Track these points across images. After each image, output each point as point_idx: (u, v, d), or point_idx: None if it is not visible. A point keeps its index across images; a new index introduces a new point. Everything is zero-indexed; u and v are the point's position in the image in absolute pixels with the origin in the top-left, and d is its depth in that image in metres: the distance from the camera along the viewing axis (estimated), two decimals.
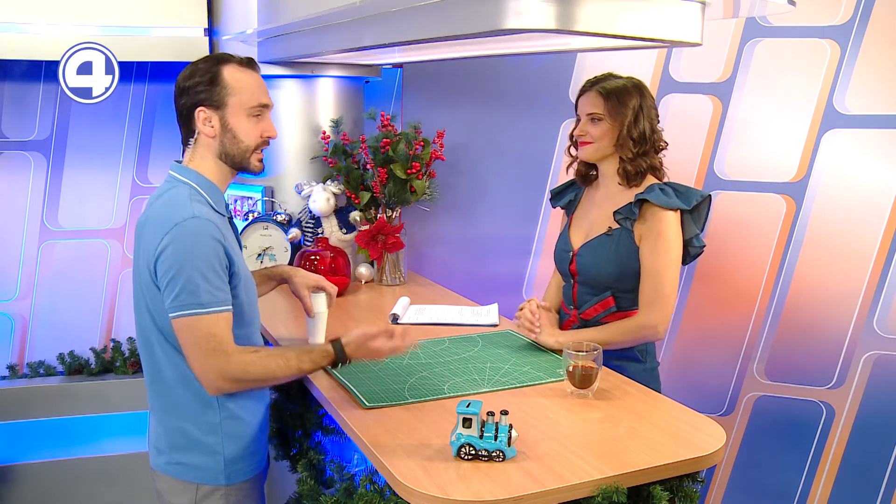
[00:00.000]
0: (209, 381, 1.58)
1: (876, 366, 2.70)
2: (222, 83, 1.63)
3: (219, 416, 1.65)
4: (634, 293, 1.99)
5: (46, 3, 2.65)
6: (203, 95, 1.62)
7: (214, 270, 1.54)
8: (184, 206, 1.57)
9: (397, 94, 3.11)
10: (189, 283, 1.51)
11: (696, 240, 1.99)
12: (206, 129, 1.64)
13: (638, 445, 1.48)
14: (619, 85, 1.99)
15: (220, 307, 1.55)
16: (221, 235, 1.57)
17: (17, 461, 2.83)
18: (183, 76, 1.65)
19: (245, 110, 1.65)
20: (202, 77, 1.63)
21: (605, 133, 1.98)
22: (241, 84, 1.64)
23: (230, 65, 1.65)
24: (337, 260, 2.59)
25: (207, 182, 1.66)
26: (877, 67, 2.60)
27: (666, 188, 1.96)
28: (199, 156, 1.67)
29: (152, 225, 1.58)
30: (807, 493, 2.82)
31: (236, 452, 1.68)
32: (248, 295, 1.68)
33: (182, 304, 1.52)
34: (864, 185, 2.66)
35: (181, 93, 1.65)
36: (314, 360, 1.65)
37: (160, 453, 1.71)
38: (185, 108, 1.65)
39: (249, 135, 1.66)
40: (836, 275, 2.70)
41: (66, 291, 2.97)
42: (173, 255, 1.52)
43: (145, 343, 1.66)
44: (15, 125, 2.85)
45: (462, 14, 1.54)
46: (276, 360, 1.61)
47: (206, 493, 1.67)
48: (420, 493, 1.31)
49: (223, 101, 1.63)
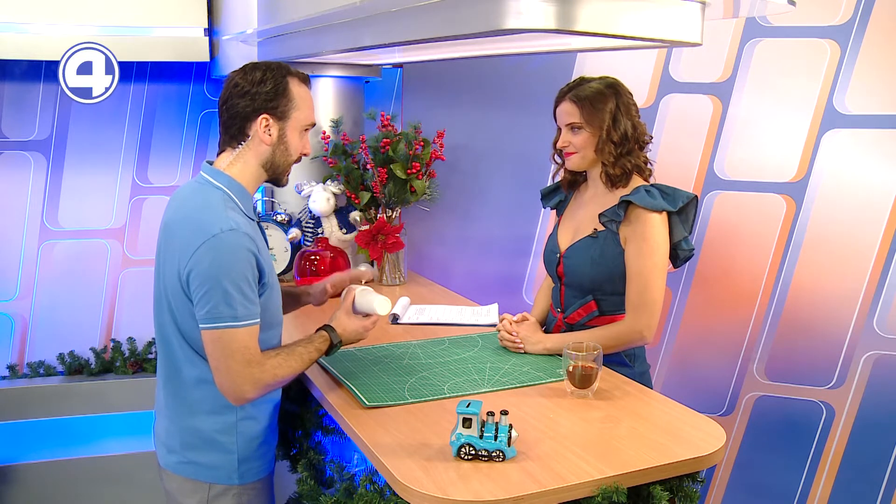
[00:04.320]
0: (241, 392, 1.59)
1: (876, 366, 2.70)
2: (289, 96, 1.64)
3: (235, 416, 1.66)
4: (619, 297, 1.95)
5: (46, 3, 2.65)
6: (272, 104, 1.63)
7: (249, 283, 1.56)
8: (219, 215, 1.56)
9: (397, 94, 3.11)
10: (225, 297, 1.52)
11: (685, 243, 1.95)
12: (264, 137, 1.64)
13: (638, 445, 1.47)
14: (593, 90, 1.94)
15: (254, 320, 1.57)
16: (255, 247, 1.59)
17: (17, 461, 2.82)
18: (248, 79, 1.63)
19: (300, 125, 1.68)
20: (272, 85, 1.62)
21: (587, 141, 1.95)
22: (303, 101, 1.67)
23: (294, 78, 1.66)
24: (337, 260, 2.59)
25: (240, 188, 1.66)
26: (877, 67, 2.60)
27: (652, 190, 1.92)
28: (242, 160, 1.66)
29: (185, 229, 1.58)
30: (807, 493, 2.82)
31: (249, 452, 1.69)
32: (274, 300, 1.70)
33: (217, 316, 1.53)
34: (864, 185, 2.65)
35: (243, 94, 1.62)
36: (318, 348, 1.72)
37: (171, 452, 1.71)
38: (245, 110, 1.63)
39: (297, 149, 1.70)
40: (836, 275, 2.70)
41: (66, 291, 2.97)
42: (210, 267, 1.52)
43: (164, 343, 1.67)
44: (15, 125, 2.85)
45: (462, 14, 1.54)
46: (295, 358, 1.66)
47: (219, 492, 1.68)
48: (420, 493, 1.31)
49: (287, 114, 1.65)
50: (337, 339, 1.77)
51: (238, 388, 1.58)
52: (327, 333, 1.77)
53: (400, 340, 2.12)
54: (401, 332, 2.21)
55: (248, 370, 1.57)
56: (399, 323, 2.30)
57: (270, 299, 1.67)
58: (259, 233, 1.69)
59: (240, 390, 1.58)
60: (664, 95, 2.79)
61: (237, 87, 1.63)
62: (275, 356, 1.63)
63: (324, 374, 1.86)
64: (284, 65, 1.68)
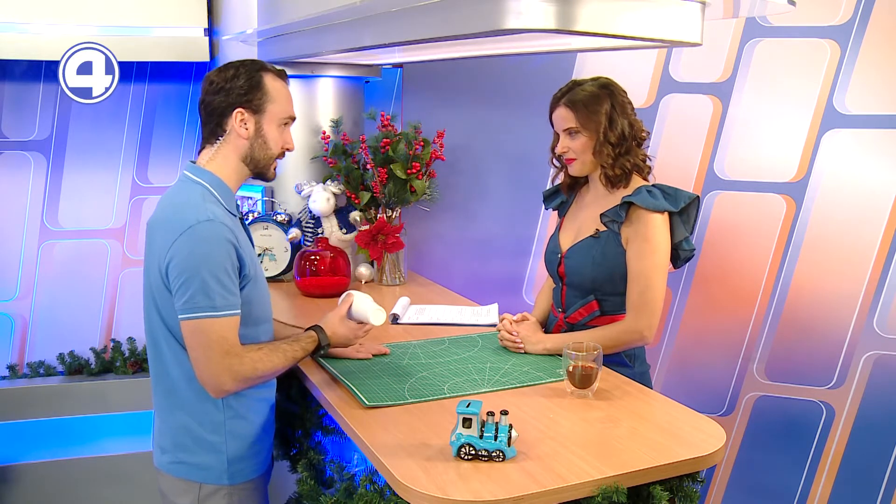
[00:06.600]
0: (219, 383, 1.59)
1: (876, 366, 2.70)
2: (264, 89, 1.66)
3: (223, 415, 1.66)
4: (620, 297, 1.95)
5: (46, 3, 2.65)
6: (245, 98, 1.64)
7: (227, 274, 1.56)
8: (197, 208, 1.58)
9: (397, 94, 3.11)
10: (203, 286, 1.53)
11: (686, 243, 1.95)
12: (240, 130, 1.65)
13: (638, 445, 1.47)
14: (587, 93, 1.93)
15: (233, 310, 1.58)
16: (234, 237, 1.59)
17: (17, 461, 2.82)
18: (222, 76, 1.65)
19: (278, 119, 1.69)
20: (245, 79, 1.64)
21: (586, 145, 1.94)
22: (279, 94, 1.69)
23: (269, 73, 1.68)
24: (337, 260, 2.59)
25: (221, 183, 1.67)
26: (877, 67, 2.60)
27: (653, 190, 1.92)
28: (221, 155, 1.68)
29: (165, 225, 1.59)
30: (807, 493, 2.82)
31: (240, 452, 1.69)
32: (259, 293, 1.70)
33: (195, 306, 1.53)
34: (864, 185, 2.65)
35: (218, 91, 1.65)
36: (304, 348, 1.74)
37: (164, 452, 1.71)
38: (220, 106, 1.65)
39: (276, 143, 1.71)
40: (836, 275, 2.70)
41: (66, 291, 2.97)
42: (188, 258, 1.53)
43: (153, 341, 1.67)
44: (15, 125, 2.85)
45: (462, 14, 1.54)
46: (277, 355, 1.67)
47: (209, 492, 1.68)
48: (420, 493, 1.31)
49: (262, 107, 1.66)
50: (325, 340, 1.78)
51: (216, 378, 1.58)
52: (316, 334, 1.78)
53: (400, 340, 2.12)
54: (401, 332, 2.21)
55: (226, 361, 1.56)
56: (399, 323, 2.30)
57: (254, 293, 1.66)
58: (240, 227, 1.69)
59: (218, 381, 1.58)
60: (664, 95, 2.79)
61: (212, 85, 1.66)
62: (256, 350, 1.63)
63: (323, 373, 1.86)
64: (260, 61, 1.70)
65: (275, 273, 2.74)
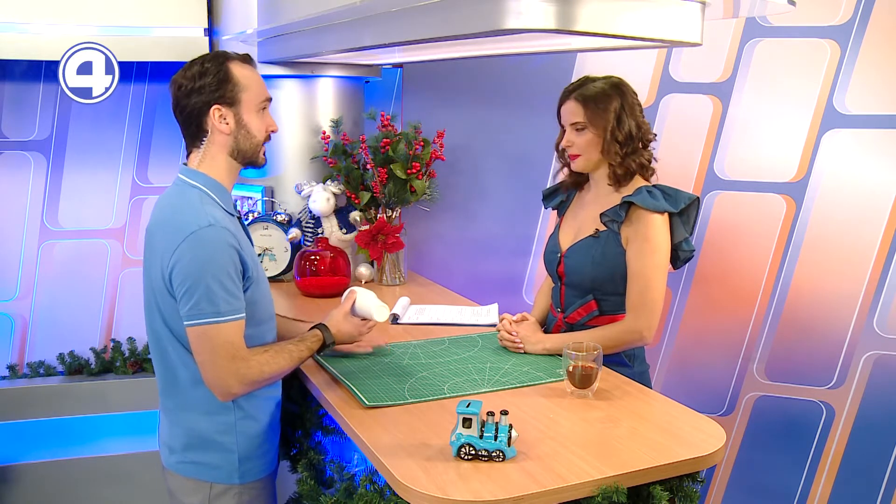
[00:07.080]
0: (226, 387, 1.59)
1: (876, 366, 2.70)
2: (233, 80, 1.64)
3: (234, 415, 1.66)
4: (620, 297, 1.95)
5: (46, 3, 2.64)
6: (218, 94, 1.63)
7: (231, 278, 1.56)
8: (197, 212, 1.57)
9: (397, 94, 3.11)
10: (208, 292, 1.52)
11: (686, 244, 1.95)
12: (221, 127, 1.64)
13: (638, 445, 1.47)
14: (598, 90, 1.93)
15: (238, 315, 1.58)
16: (236, 241, 1.59)
17: (17, 461, 2.82)
18: (188, 77, 1.63)
19: (255, 105, 1.67)
20: (213, 76, 1.63)
21: (591, 142, 1.94)
22: (249, 80, 1.66)
23: (234, 62, 1.66)
24: (337, 260, 2.59)
25: (216, 184, 1.66)
26: (877, 67, 2.60)
27: (654, 190, 1.92)
28: (210, 156, 1.67)
29: (166, 229, 1.59)
30: (807, 493, 2.82)
31: (250, 451, 1.70)
32: (262, 293, 1.70)
33: (200, 312, 1.53)
34: (864, 185, 2.65)
35: (189, 93, 1.63)
36: (309, 347, 1.75)
37: (173, 452, 1.71)
38: (195, 108, 1.63)
39: (259, 129, 1.69)
40: (836, 275, 2.70)
41: (66, 291, 2.97)
42: (191, 264, 1.53)
43: (157, 345, 1.67)
44: (15, 125, 2.84)
45: (462, 14, 1.54)
46: (283, 356, 1.67)
47: (220, 491, 1.68)
48: (420, 493, 1.31)
49: (236, 98, 1.64)
50: (330, 338, 1.79)
51: (223, 383, 1.58)
52: (321, 332, 1.78)
53: (400, 340, 2.12)
54: (401, 332, 2.21)
55: (232, 365, 1.57)
56: (399, 323, 2.30)
57: (257, 293, 1.66)
58: (240, 227, 1.69)
59: (225, 385, 1.59)
60: (664, 95, 2.79)
61: (181, 89, 1.64)
62: (263, 353, 1.64)
63: (324, 373, 1.86)
64: (222, 52, 1.68)
65: (275, 273, 2.74)
